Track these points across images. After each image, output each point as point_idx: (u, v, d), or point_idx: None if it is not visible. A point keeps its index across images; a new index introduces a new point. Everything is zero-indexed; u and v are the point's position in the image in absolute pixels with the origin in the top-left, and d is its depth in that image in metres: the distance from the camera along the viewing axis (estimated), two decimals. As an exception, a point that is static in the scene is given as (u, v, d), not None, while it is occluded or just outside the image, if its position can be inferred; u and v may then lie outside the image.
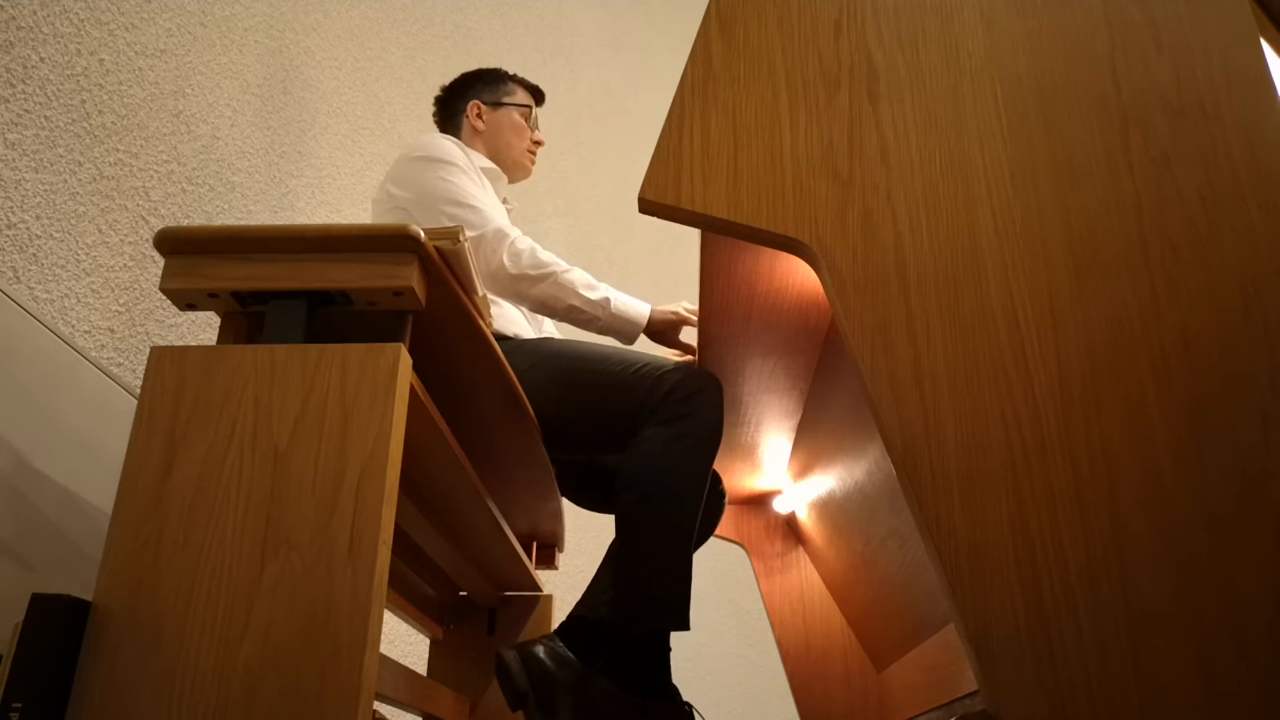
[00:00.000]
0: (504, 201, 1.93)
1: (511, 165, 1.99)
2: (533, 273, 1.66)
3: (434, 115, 2.07)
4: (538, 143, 2.04)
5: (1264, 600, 0.92)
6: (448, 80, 2.09)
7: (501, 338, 1.71)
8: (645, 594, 1.41)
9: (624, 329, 1.72)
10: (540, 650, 1.48)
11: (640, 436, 1.49)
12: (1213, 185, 1.09)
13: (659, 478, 1.46)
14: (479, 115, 1.99)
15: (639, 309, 1.73)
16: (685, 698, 1.46)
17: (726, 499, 1.90)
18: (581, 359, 1.59)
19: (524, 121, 2.01)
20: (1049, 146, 1.12)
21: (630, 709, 1.37)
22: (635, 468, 1.47)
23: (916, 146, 1.14)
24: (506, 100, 2.01)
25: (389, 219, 1.76)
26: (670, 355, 1.88)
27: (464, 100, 2.01)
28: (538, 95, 2.07)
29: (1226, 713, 0.89)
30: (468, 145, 1.93)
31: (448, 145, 1.80)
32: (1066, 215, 1.09)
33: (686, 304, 1.79)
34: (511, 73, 2.06)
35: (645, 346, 1.90)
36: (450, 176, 1.73)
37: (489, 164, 1.90)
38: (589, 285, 1.69)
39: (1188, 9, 1.17)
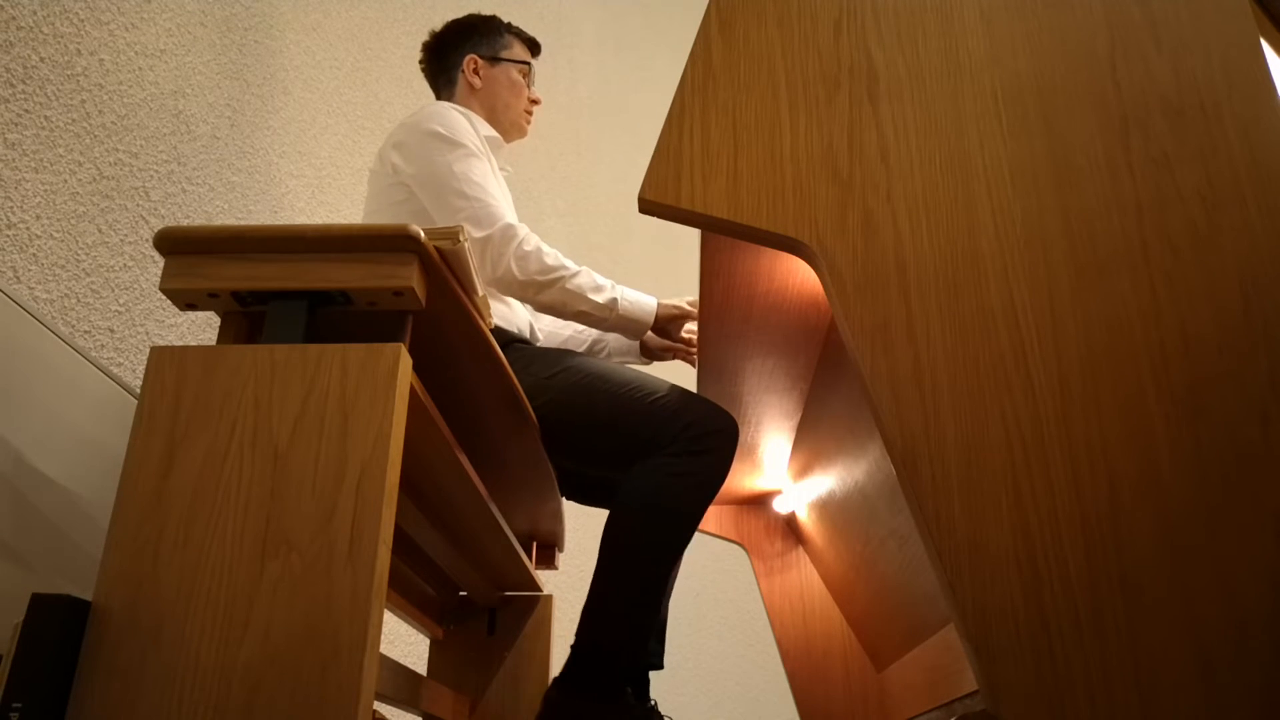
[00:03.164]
0: (502, 169, 1.88)
1: (509, 126, 1.93)
2: (540, 279, 1.64)
3: (422, 64, 1.98)
4: (535, 101, 1.96)
5: (1263, 600, 0.92)
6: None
7: (520, 341, 1.71)
8: (608, 619, 1.42)
9: (629, 328, 1.72)
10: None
11: (646, 463, 1.47)
12: (1213, 185, 1.09)
13: (652, 509, 1.44)
14: (475, 71, 1.91)
15: (645, 308, 1.72)
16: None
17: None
18: (603, 378, 1.57)
19: (522, 79, 1.94)
20: (1049, 146, 1.12)
21: (576, 711, 1.38)
22: (631, 494, 1.46)
23: (916, 146, 1.14)
24: (504, 55, 1.93)
25: (391, 195, 1.71)
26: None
27: (459, 53, 1.92)
28: (534, 48, 1.99)
29: (1226, 712, 0.89)
30: (464, 104, 1.87)
31: (461, 123, 1.73)
32: (1066, 215, 1.09)
33: (690, 298, 1.79)
34: (507, 22, 1.98)
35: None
36: (462, 161, 1.68)
37: (491, 132, 1.84)
38: (596, 288, 1.67)
39: (1188, 9, 1.17)
